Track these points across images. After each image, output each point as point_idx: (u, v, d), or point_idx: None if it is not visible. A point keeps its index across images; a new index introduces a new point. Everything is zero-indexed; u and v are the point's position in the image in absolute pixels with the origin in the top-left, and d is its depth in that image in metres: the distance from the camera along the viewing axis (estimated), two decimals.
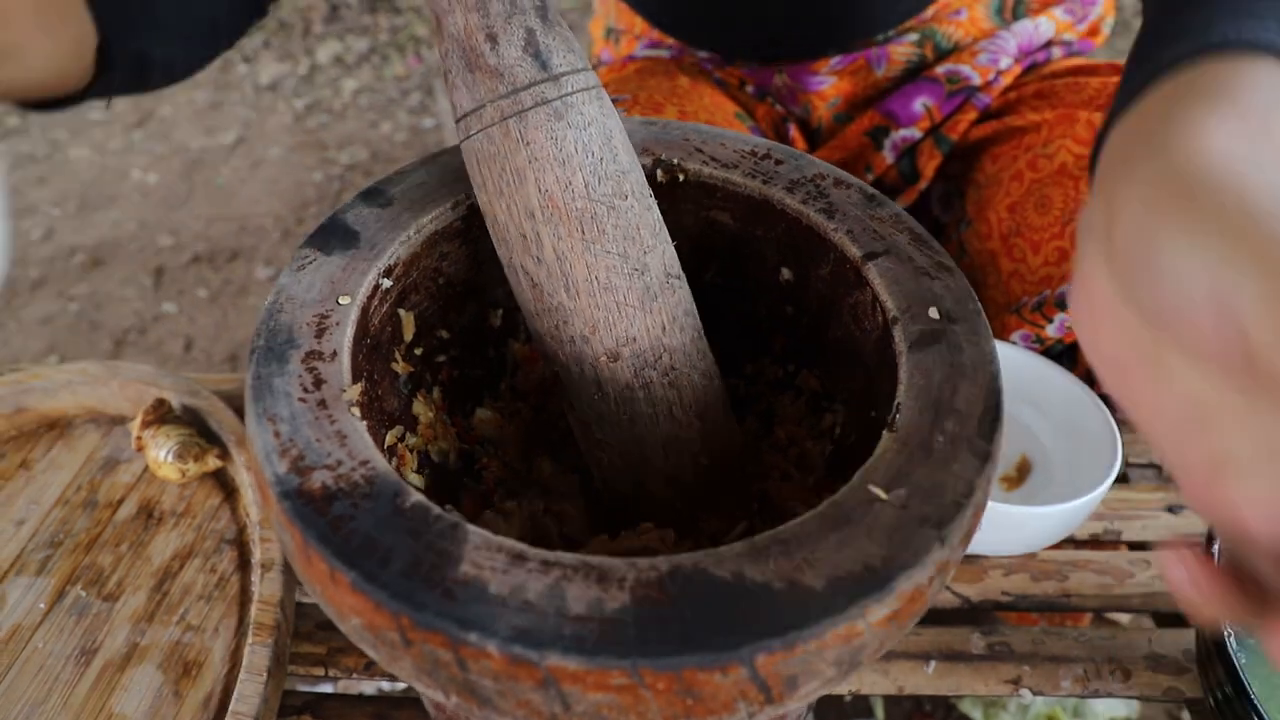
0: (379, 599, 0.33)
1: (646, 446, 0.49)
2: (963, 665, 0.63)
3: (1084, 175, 0.73)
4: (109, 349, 1.60)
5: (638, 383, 0.47)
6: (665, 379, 0.47)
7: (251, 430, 0.38)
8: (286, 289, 0.44)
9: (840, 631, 0.32)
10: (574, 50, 0.44)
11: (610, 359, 0.46)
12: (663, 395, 0.48)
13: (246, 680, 0.56)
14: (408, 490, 0.36)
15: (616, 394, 0.47)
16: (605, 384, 0.47)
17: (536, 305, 0.46)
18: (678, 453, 0.49)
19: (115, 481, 0.71)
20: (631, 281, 0.45)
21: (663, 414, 0.48)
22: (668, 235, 0.48)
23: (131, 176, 1.99)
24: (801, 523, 0.35)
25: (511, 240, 0.45)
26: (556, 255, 0.44)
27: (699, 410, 0.49)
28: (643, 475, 0.50)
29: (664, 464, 0.49)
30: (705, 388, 0.49)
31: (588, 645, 0.31)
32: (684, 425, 0.49)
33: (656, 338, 0.47)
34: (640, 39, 0.93)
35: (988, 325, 0.44)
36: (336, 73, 2.34)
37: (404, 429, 0.51)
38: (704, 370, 0.49)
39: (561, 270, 0.44)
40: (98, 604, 0.62)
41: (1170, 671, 0.63)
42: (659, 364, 0.47)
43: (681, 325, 0.48)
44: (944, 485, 0.37)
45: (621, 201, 0.45)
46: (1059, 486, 0.70)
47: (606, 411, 0.48)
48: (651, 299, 0.46)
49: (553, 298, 0.45)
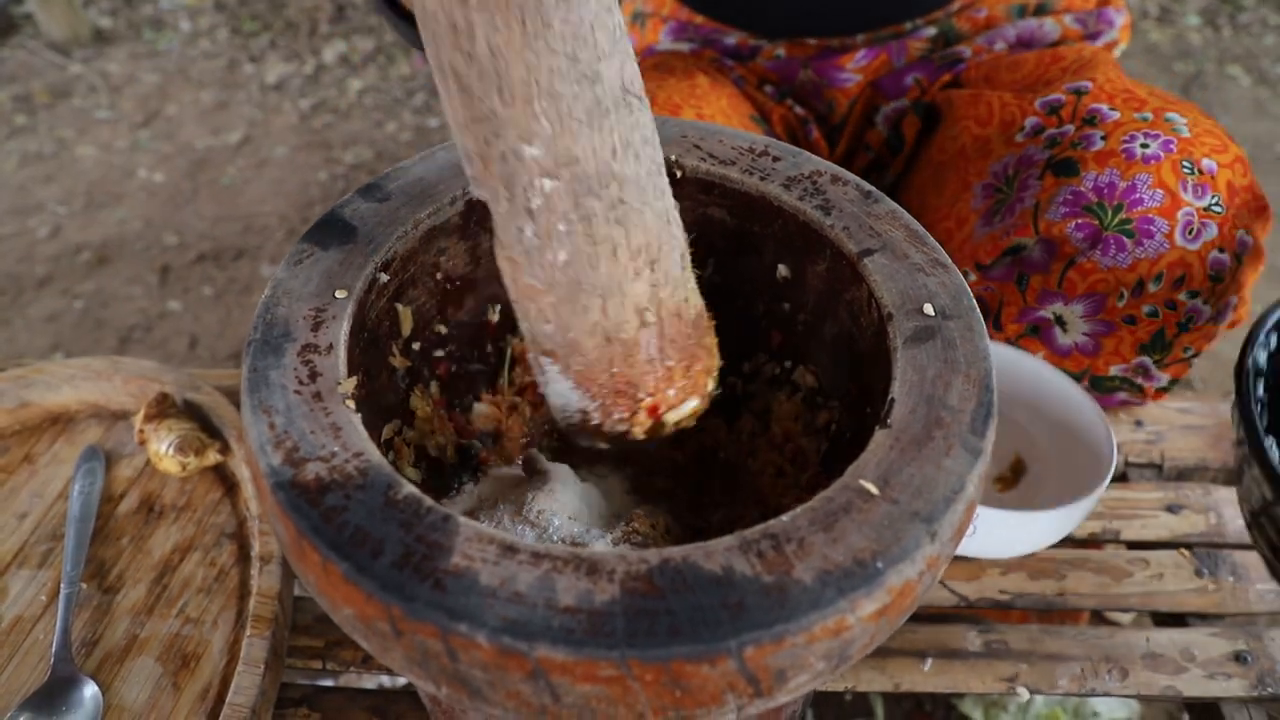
0: (370, 590, 0.33)
1: (582, 293, 0.42)
2: (959, 663, 0.63)
3: (978, 157, 0.76)
4: (114, 346, 1.61)
5: (577, 213, 0.40)
6: (612, 213, 0.40)
7: (247, 422, 0.39)
8: (284, 283, 0.45)
9: (829, 625, 0.33)
10: None
11: (547, 180, 0.39)
12: (606, 232, 0.40)
13: (244, 672, 0.56)
14: (400, 482, 0.36)
15: (550, 224, 0.40)
16: (538, 212, 0.40)
17: (465, 114, 0.39)
18: (619, 305, 0.42)
19: (117, 475, 0.71)
20: (580, 89, 0.38)
21: (604, 254, 0.41)
22: (630, 49, 0.40)
23: (138, 175, 1.99)
24: (792, 517, 0.35)
25: (440, 32, 0.37)
26: (490, 50, 0.36)
27: (649, 257, 0.42)
28: (574, 330, 0.43)
29: (601, 317, 0.42)
30: (660, 231, 0.42)
31: (576, 636, 0.31)
32: (629, 271, 0.42)
33: (605, 161, 0.39)
34: (667, 21, 0.92)
35: (982, 322, 0.44)
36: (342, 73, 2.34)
37: (401, 423, 0.51)
38: (660, 211, 0.42)
39: (496, 70, 0.37)
40: (98, 596, 0.63)
41: (1168, 671, 0.63)
42: (605, 194, 0.40)
43: (637, 152, 0.40)
44: (935, 481, 0.37)
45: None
46: (1053, 488, 0.70)
47: (535, 248, 0.41)
48: (603, 114, 0.38)
49: (484, 103, 0.38)
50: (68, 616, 0.60)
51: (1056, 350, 0.74)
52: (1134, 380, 0.74)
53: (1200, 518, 0.73)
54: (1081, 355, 0.73)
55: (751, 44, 0.88)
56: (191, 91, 2.27)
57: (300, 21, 2.54)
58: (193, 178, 1.99)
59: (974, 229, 0.74)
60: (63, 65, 2.35)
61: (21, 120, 2.16)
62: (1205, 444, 0.79)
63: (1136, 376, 0.74)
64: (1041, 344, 0.74)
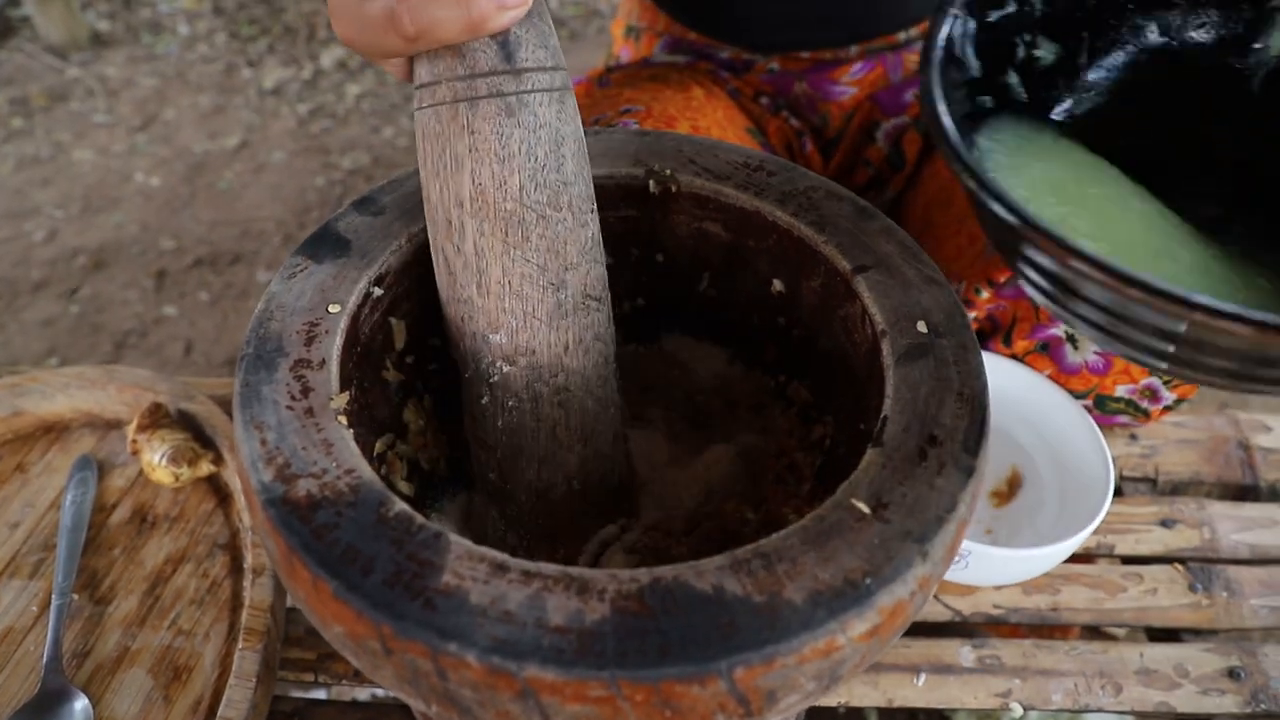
0: (360, 608, 0.33)
1: (522, 458, 0.48)
2: (953, 678, 0.63)
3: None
4: (109, 351, 1.60)
5: (526, 395, 0.46)
6: (556, 398, 0.47)
7: (239, 438, 0.39)
8: (277, 297, 0.45)
9: (820, 646, 0.32)
10: (547, 48, 0.43)
11: (505, 364, 0.46)
12: (549, 413, 0.47)
13: (236, 685, 0.56)
14: (392, 499, 0.36)
15: (503, 400, 0.47)
16: (495, 388, 0.46)
17: (449, 292, 0.46)
18: (551, 471, 0.49)
19: (110, 485, 0.71)
20: (544, 294, 0.44)
21: (545, 431, 0.47)
22: (601, 255, 0.47)
23: (134, 179, 1.99)
24: (783, 536, 0.35)
25: (439, 222, 0.44)
26: (476, 250, 0.43)
27: (583, 435, 0.48)
28: (511, 483, 0.49)
29: (535, 478, 0.49)
30: (597, 414, 0.49)
31: (566, 656, 0.31)
32: (564, 447, 0.48)
33: (557, 355, 0.46)
34: (661, 36, 0.92)
35: (975, 340, 0.44)
36: (340, 78, 2.35)
37: (394, 436, 0.51)
38: (600, 398, 0.48)
39: (478, 266, 0.44)
40: (90, 607, 0.63)
41: (1162, 686, 0.63)
42: (552, 381, 0.46)
43: (587, 348, 0.47)
44: (927, 500, 0.37)
45: (555, 213, 0.44)
46: (1050, 503, 0.70)
47: (489, 414, 0.47)
48: (561, 316, 0.45)
49: (464, 289, 0.45)
50: (59, 628, 0.59)
51: (1065, 368, 0.74)
52: (1139, 404, 0.74)
53: (1194, 532, 0.74)
54: (1090, 374, 0.73)
55: (745, 58, 0.88)
56: (189, 96, 2.27)
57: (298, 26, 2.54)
58: (190, 182, 1.99)
59: (986, 245, 0.74)
60: (60, 68, 2.35)
61: (18, 123, 2.15)
62: (1200, 458, 0.79)
63: (1143, 400, 0.73)
64: (1050, 361, 0.74)
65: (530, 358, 0.46)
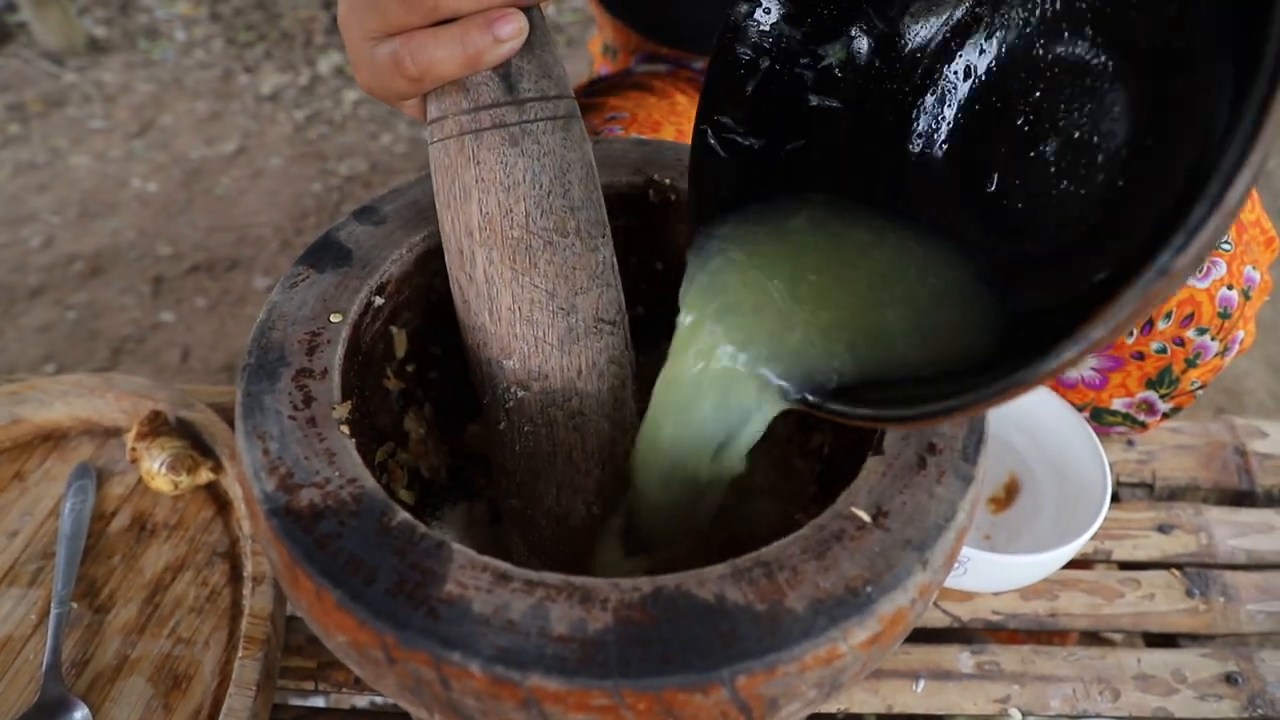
0: (363, 617, 0.33)
1: (540, 482, 0.48)
2: (952, 684, 0.63)
3: None
4: (106, 357, 1.60)
5: (542, 419, 0.47)
6: (571, 421, 0.47)
7: (241, 447, 0.39)
8: (279, 306, 0.45)
9: (821, 654, 0.33)
10: (550, 76, 0.43)
11: (520, 389, 0.46)
12: (565, 437, 0.47)
13: (235, 694, 0.56)
14: (394, 509, 0.36)
15: (519, 425, 0.47)
16: (511, 413, 0.47)
17: (464, 320, 0.47)
18: (570, 496, 0.48)
19: (109, 493, 0.71)
20: (554, 319, 0.45)
21: (562, 455, 0.47)
22: (614, 278, 0.47)
23: (131, 185, 1.99)
24: (784, 545, 0.35)
25: (451, 252, 0.45)
26: (486, 278, 0.44)
27: (601, 459, 0.48)
28: (532, 508, 0.49)
29: (554, 503, 0.49)
30: (614, 437, 0.48)
31: (569, 666, 0.31)
32: (582, 471, 0.48)
33: (570, 380, 0.46)
34: (635, 54, 0.94)
35: None
36: (337, 84, 2.35)
37: (395, 445, 0.51)
38: (616, 420, 0.48)
39: (489, 294, 0.44)
40: (89, 616, 0.63)
41: (1159, 692, 0.63)
42: (567, 405, 0.46)
43: (601, 372, 0.47)
44: (927, 508, 0.37)
45: (561, 239, 0.44)
46: (1047, 509, 0.70)
47: (507, 439, 0.48)
48: (573, 340, 0.45)
49: (477, 317, 0.45)
50: (58, 636, 0.59)
51: (1061, 383, 0.74)
52: (1135, 417, 0.74)
53: (1191, 538, 0.74)
54: (1087, 389, 0.73)
55: None
56: (186, 101, 2.27)
57: (295, 32, 2.55)
58: (187, 188, 1.99)
59: None
60: (57, 74, 2.35)
61: (15, 129, 2.15)
62: (1197, 464, 0.80)
63: (1139, 413, 0.74)
64: None
65: (543, 382, 0.46)
